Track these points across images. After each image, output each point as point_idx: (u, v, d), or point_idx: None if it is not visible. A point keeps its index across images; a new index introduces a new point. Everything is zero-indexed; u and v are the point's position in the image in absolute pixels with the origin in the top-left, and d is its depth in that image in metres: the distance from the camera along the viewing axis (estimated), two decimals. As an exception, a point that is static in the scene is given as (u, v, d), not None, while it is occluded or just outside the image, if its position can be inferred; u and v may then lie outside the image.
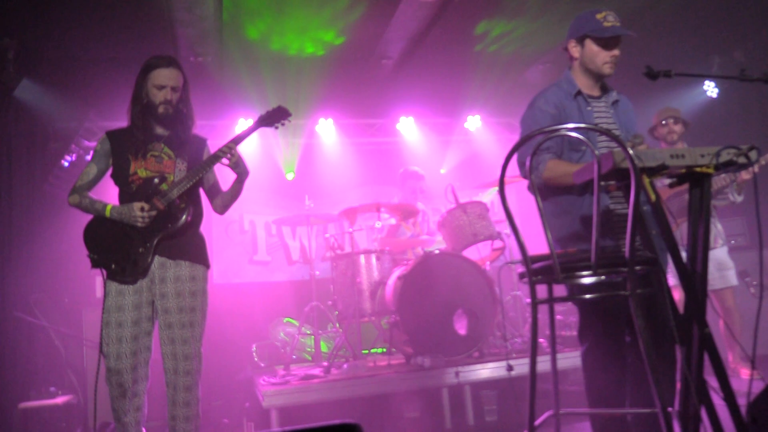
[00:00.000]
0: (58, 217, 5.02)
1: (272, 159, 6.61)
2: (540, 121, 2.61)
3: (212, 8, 4.47)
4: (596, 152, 2.07)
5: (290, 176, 6.10)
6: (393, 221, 5.28)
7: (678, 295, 3.97)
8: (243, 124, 6.33)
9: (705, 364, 2.21)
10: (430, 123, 6.97)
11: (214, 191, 3.03)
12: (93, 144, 5.49)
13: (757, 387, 2.16)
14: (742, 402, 2.12)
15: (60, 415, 4.04)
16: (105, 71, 5.07)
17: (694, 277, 2.26)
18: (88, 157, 2.88)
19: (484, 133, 7.04)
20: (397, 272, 4.46)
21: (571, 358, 4.16)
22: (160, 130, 2.87)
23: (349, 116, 6.79)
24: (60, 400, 4.14)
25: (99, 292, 4.79)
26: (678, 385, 2.25)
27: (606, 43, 2.65)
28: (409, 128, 6.87)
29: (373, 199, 5.12)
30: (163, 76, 2.79)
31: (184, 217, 2.78)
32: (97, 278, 4.81)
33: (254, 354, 5.25)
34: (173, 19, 4.55)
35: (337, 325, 5.03)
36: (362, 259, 4.72)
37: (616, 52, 2.67)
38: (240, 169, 2.90)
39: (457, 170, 6.93)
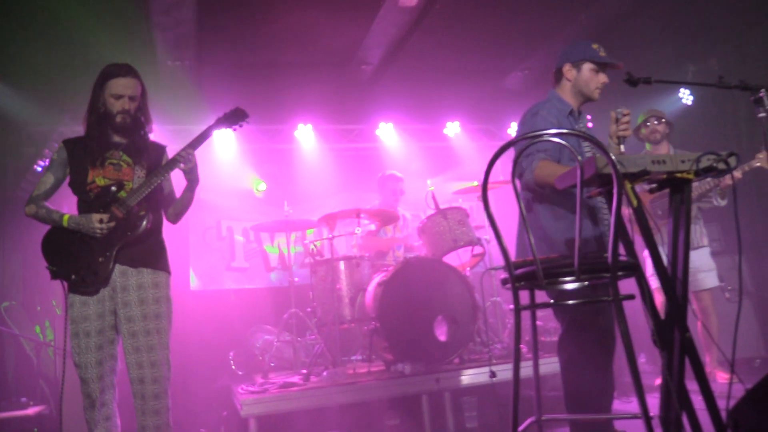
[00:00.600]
0: (30, 223, 4.89)
1: (250, 165, 6.55)
2: (542, 129, 2.65)
3: (191, 12, 4.42)
4: (579, 158, 2.07)
5: (261, 188, 6.01)
6: (373, 227, 5.26)
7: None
8: (221, 130, 6.26)
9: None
10: (410, 129, 6.97)
11: (169, 200, 2.99)
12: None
13: (736, 391, 2.18)
14: (720, 405, 2.13)
15: (32, 426, 3.94)
16: (79, 75, 4.98)
17: (675, 281, 2.27)
18: (40, 168, 2.84)
19: (463, 139, 7.07)
20: (377, 278, 4.44)
21: (550, 364, 4.17)
22: (117, 138, 2.83)
23: (329, 122, 6.77)
24: (32, 411, 4.04)
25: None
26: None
27: (600, 69, 2.91)
28: (388, 134, 6.86)
29: (353, 205, 5.10)
30: (121, 85, 2.77)
31: (143, 224, 2.74)
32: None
33: (232, 362, 5.18)
34: (151, 23, 4.49)
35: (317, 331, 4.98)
36: (342, 265, 4.69)
37: (605, 78, 2.94)
38: (192, 175, 2.88)
39: (437, 176, 6.94)
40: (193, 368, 5.20)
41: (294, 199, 5.81)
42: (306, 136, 6.69)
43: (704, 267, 4.45)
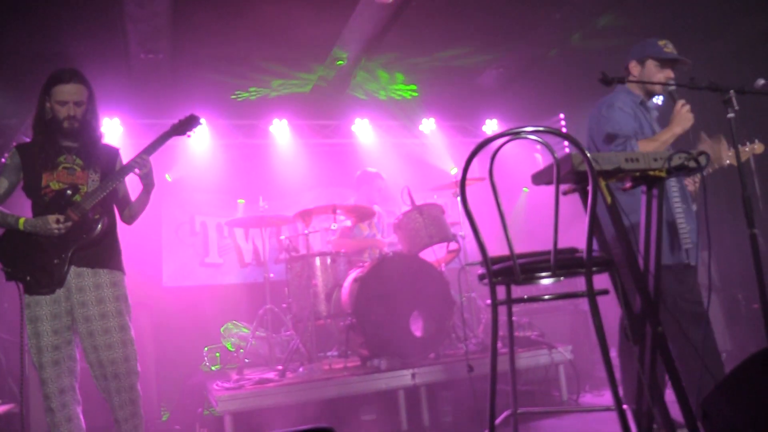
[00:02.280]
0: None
1: (224, 160, 6.49)
2: (621, 120, 3.05)
3: (165, 4, 4.35)
4: (555, 155, 2.10)
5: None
6: (349, 223, 5.26)
7: None
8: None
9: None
10: (385, 125, 6.98)
11: (124, 202, 3.06)
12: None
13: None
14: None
15: (2, 425, 3.86)
16: (50, 67, 4.87)
17: (647, 276, 2.32)
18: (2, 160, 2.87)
19: (438, 135, 7.10)
20: (353, 274, 4.44)
21: (525, 359, 4.23)
22: (68, 143, 2.88)
23: (304, 117, 6.74)
24: (1, 409, 3.96)
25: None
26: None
27: (665, 65, 3.19)
28: (364, 130, 6.86)
29: (329, 201, 5.09)
30: (65, 92, 2.79)
31: (98, 227, 2.81)
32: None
33: (206, 358, 5.14)
34: (123, 15, 4.41)
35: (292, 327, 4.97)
36: (318, 261, 4.68)
37: (670, 74, 3.20)
38: (148, 180, 2.95)
39: (412, 172, 6.97)
40: (167, 365, 5.15)
41: (269, 195, 5.78)
42: (281, 131, 6.66)
43: None
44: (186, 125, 3.09)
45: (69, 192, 2.79)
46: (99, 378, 2.77)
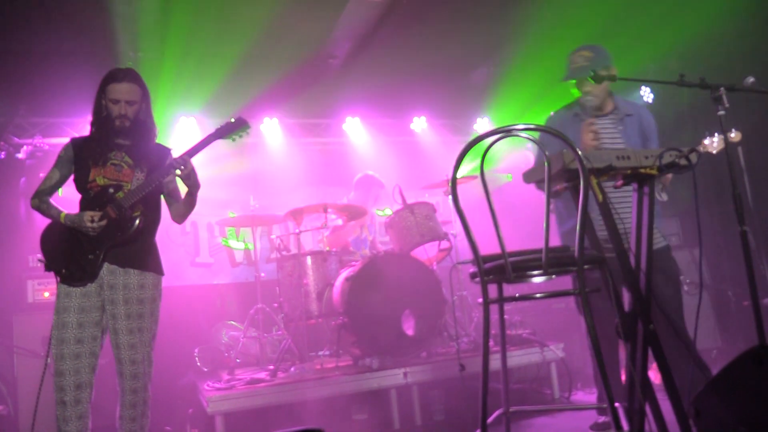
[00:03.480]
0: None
1: (215, 159, 6.45)
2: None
3: (154, 3, 4.32)
4: (546, 153, 2.10)
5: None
6: (340, 222, 5.24)
7: None
8: (184, 122, 6.16)
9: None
10: (377, 124, 6.96)
11: (172, 199, 3.13)
12: (24, 141, 5.25)
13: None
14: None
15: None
16: (38, 65, 4.85)
17: (638, 274, 2.33)
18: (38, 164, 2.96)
19: (429, 134, 7.08)
20: (345, 273, 4.43)
21: (517, 357, 4.23)
22: (120, 140, 2.93)
23: (295, 116, 6.71)
24: (-10, 411, 3.92)
25: (30, 297, 4.63)
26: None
27: (579, 82, 3.20)
28: (355, 129, 6.84)
29: (320, 200, 5.07)
30: (117, 90, 2.85)
31: (134, 225, 2.85)
32: (29, 282, 4.64)
33: (197, 358, 5.10)
34: (113, 13, 4.38)
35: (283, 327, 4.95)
36: (309, 260, 4.67)
37: (588, 88, 3.16)
38: (191, 181, 2.99)
39: (403, 171, 6.96)
40: (157, 365, 5.09)
41: (260, 194, 5.75)
42: (272, 130, 6.62)
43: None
44: (233, 129, 3.07)
45: (112, 190, 2.84)
46: (118, 374, 2.82)
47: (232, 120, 3.09)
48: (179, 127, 6.15)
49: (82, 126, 5.31)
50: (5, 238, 4.88)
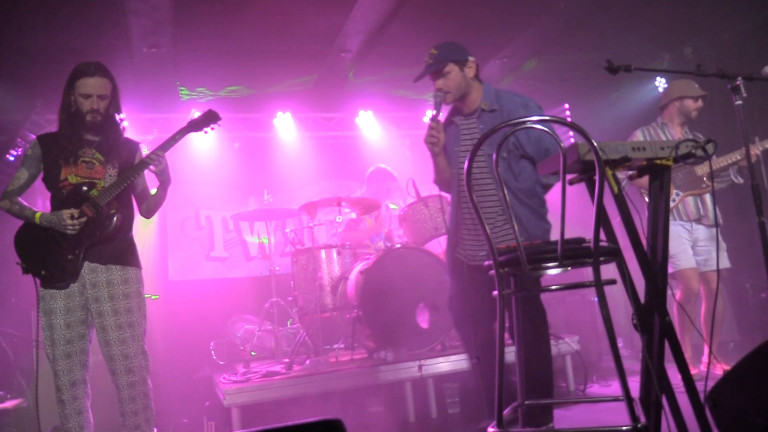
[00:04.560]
0: (1, 216, 4.83)
1: (228, 153, 6.49)
2: None
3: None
4: (561, 144, 2.09)
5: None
6: (354, 215, 5.25)
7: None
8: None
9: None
10: (390, 117, 6.95)
11: (142, 197, 3.07)
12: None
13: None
14: (699, 387, 2.18)
15: (10, 419, 3.89)
16: (53, 62, 4.86)
17: (655, 266, 2.31)
18: (12, 157, 2.90)
19: (442, 127, 7.06)
20: (359, 266, 4.44)
21: (531, 349, 4.22)
22: (90, 136, 2.89)
23: (307, 110, 6.72)
24: (9, 404, 3.98)
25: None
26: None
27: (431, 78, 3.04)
28: (368, 122, 6.84)
29: (333, 193, 5.08)
30: (89, 85, 2.80)
31: (112, 223, 2.83)
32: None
33: (213, 352, 5.15)
34: (126, 9, 4.39)
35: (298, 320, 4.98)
36: (323, 254, 4.68)
37: (438, 83, 3.02)
38: (164, 176, 2.95)
39: (417, 164, 6.95)
40: (174, 359, 5.17)
41: (273, 188, 5.77)
42: (285, 124, 6.64)
43: (722, 246, 4.19)
44: (204, 121, 3.07)
45: (85, 188, 2.80)
46: (112, 372, 2.80)
47: (202, 113, 3.10)
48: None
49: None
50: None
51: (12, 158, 5.32)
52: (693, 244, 4.16)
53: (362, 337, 4.46)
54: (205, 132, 3.11)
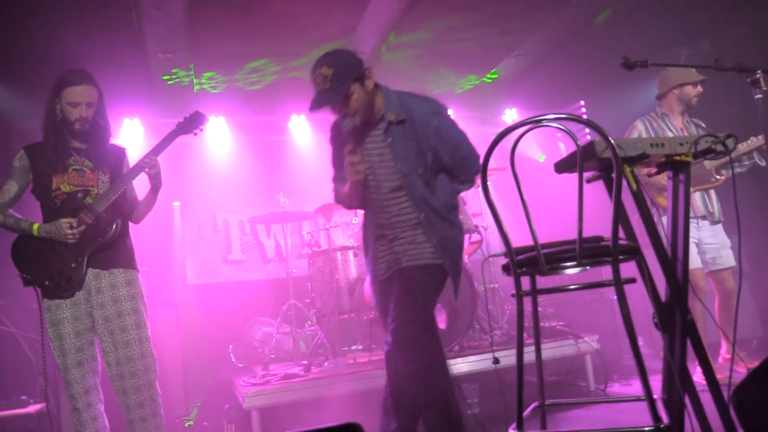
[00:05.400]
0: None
1: (243, 157, 6.52)
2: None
3: (181, 3, 4.37)
4: (577, 142, 2.07)
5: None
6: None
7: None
8: (213, 121, 6.25)
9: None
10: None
11: (133, 203, 3.05)
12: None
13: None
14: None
15: (33, 424, 3.93)
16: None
17: (675, 264, 2.28)
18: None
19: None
20: (376, 268, 4.43)
21: (549, 350, 4.19)
22: (77, 144, 2.86)
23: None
24: (32, 408, 4.02)
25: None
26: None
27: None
28: (382, 123, 6.83)
29: (349, 195, 5.07)
30: (77, 93, 2.77)
31: (113, 228, 2.80)
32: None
33: (231, 354, 5.18)
34: (141, 15, 4.44)
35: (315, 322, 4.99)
36: (340, 255, 4.68)
37: (342, 111, 2.64)
38: (157, 180, 2.94)
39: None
40: (193, 362, 5.20)
41: (289, 191, 5.79)
42: (300, 127, 6.66)
43: (727, 243, 4.03)
44: (191, 123, 3.06)
45: (80, 195, 2.78)
46: (116, 378, 2.75)
47: (189, 115, 3.08)
48: (211, 126, 6.24)
49: (115, 129, 5.40)
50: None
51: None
52: (699, 242, 3.99)
53: (380, 338, 4.45)
54: (195, 134, 3.10)
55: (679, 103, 4.09)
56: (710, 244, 4.00)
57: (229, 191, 6.47)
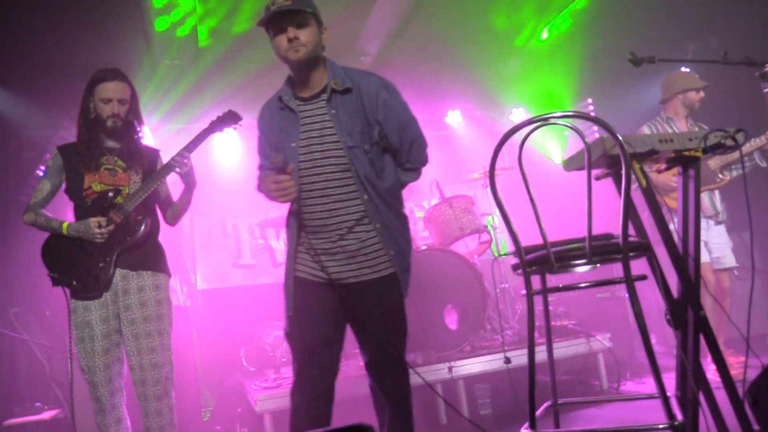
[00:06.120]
0: (31, 228, 4.92)
1: (253, 161, 6.53)
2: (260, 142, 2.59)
3: (189, 11, 4.40)
4: (585, 140, 2.06)
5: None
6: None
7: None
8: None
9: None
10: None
11: (166, 203, 3.02)
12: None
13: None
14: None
15: (47, 430, 3.95)
16: (78, 78, 4.95)
17: (687, 260, 2.26)
18: (42, 173, 2.87)
19: (464, 127, 7.04)
20: (385, 270, 4.43)
21: (561, 349, 4.18)
22: (110, 143, 2.85)
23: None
24: (47, 415, 4.05)
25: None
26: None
27: (277, 28, 2.30)
28: (388, 125, 6.84)
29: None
30: (109, 89, 2.77)
31: (142, 228, 2.77)
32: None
33: (243, 358, 5.18)
34: (148, 24, 4.47)
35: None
36: (349, 257, 4.68)
37: (290, 34, 2.25)
38: (189, 179, 2.91)
39: (440, 165, 6.93)
40: (205, 366, 5.21)
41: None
42: (307, 130, 6.67)
43: (729, 244, 4.14)
44: (224, 121, 3.00)
45: (111, 194, 2.76)
46: (138, 383, 2.72)
47: (222, 114, 3.02)
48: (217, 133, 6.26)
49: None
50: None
51: (42, 173, 5.42)
52: (707, 242, 4.07)
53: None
54: (226, 132, 3.04)
55: (683, 107, 4.20)
56: (717, 243, 4.09)
57: (238, 195, 6.47)
